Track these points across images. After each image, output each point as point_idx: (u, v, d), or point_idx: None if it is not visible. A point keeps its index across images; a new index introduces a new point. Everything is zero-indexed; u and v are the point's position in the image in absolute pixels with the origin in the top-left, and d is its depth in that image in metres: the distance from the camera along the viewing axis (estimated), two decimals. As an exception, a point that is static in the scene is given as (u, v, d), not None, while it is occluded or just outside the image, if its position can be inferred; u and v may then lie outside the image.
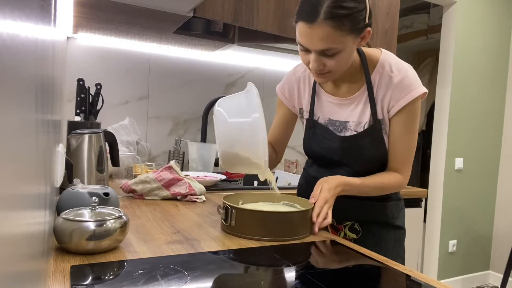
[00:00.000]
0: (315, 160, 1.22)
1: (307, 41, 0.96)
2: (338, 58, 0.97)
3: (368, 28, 0.99)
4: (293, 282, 0.70)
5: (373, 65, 1.08)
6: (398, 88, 1.04)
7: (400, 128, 1.08)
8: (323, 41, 0.94)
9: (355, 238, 1.15)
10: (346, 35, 0.94)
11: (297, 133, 1.33)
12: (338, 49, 0.96)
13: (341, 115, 1.12)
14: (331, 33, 0.92)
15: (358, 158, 1.10)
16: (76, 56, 1.89)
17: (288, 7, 1.77)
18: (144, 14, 1.44)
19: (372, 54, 1.10)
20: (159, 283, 0.64)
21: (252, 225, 0.92)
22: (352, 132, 1.09)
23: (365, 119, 1.08)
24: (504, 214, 3.28)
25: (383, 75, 1.06)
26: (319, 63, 0.98)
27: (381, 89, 1.06)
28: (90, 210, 0.79)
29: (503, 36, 3.23)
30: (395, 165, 1.11)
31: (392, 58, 1.08)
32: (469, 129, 3.13)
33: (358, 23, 0.95)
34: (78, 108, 1.60)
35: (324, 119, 1.14)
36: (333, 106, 1.13)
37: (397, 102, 1.05)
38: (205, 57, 2.17)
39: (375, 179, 1.09)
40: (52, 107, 0.69)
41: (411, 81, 1.04)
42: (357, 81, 1.10)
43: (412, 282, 0.74)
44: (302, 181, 1.29)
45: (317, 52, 0.97)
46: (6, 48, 0.22)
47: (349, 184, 1.05)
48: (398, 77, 1.04)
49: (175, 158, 1.98)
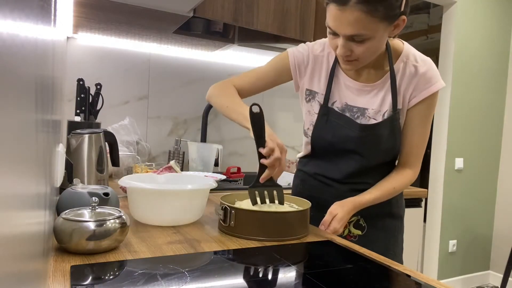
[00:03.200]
0: (318, 152, 1.16)
1: (336, 25, 0.92)
2: (367, 45, 0.94)
3: (403, 16, 0.94)
4: (293, 282, 0.70)
5: (397, 54, 1.07)
6: (423, 78, 1.04)
7: (418, 120, 1.07)
8: (353, 26, 0.90)
9: (360, 234, 1.13)
10: (378, 22, 0.90)
11: (297, 133, 1.32)
12: (368, 36, 0.92)
13: (360, 101, 1.08)
14: (363, 18, 0.88)
15: (374, 148, 1.08)
16: (76, 56, 1.89)
17: (288, 7, 1.77)
18: (144, 14, 1.44)
19: (395, 44, 1.09)
20: (159, 283, 0.64)
21: (251, 226, 0.92)
22: (370, 120, 1.07)
23: (385, 108, 1.06)
24: (504, 214, 3.28)
25: (407, 65, 1.05)
26: (346, 49, 0.95)
27: (404, 78, 1.06)
28: (90, 210, 0.79)
29: (503, 36, 3.22)
30: (407, 158, 1.10)
31: (415, 50, 1.09)
32: (469, 129, 3.13)
33: (393, 10, 0.91)
34: (78, 108, 1.60)
35: (342, 103, 1.10)
36: (352, 91, 1.09)
37: (419, 92, 1.05)
38: (205, 57, 2.17)
39: (387, 186, 1.09)
40: (52, 107, 0.69)
41: (435, 74, 1.05)
42: (379, 68, 1.08)
43: (412, 282, 0.74)
44: (297, 181, 1.25)
45: (345, 37, 0.93)
46: (6, 48, 0.22)
47: (363, 205, 1.06)
48: (424, 68, 1.04)
49: (175, 158, 1.98)
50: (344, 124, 1.08)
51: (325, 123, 1.10)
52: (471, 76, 3.09)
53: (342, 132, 1.08)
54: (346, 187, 1.12)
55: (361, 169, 1.10)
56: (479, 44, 3.11)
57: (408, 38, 3.93)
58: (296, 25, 1.79)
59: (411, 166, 1.11)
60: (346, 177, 1.11)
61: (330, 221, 1.04)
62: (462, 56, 3.03)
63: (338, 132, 1.09)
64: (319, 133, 1.12)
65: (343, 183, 1.12)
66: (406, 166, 1.12)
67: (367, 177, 1.11)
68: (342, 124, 1.08)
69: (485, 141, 3.23)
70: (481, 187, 3.25)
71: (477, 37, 3.09)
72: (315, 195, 1.14)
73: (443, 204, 3.05)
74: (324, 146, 1.13)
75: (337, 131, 1.09)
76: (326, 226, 1.03)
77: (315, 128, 1.12)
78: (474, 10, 3.04)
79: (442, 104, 3.05)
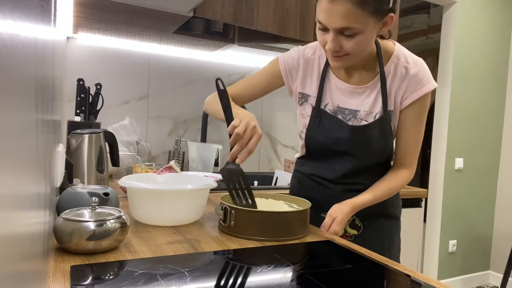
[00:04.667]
0: (313, 154, 1.17)
1: (326, 17, 0.92)
2: (356, 40, 0.94)
3: (391, 13, 0.95)
4: (293, 282, 0.70)
5: (387, 55, 1.07)
6: (414, 80, 1.04)
7: (411, 121, 1.08)
8: (343, 18, 0.90)
9: (356, 234, 1.14)
10: (368, 16, 0.91)
11: (297, 133, 1.32)
12: (358, 30, 0.92)
13: (351, 103, 1.09)
14: (353, 10, 0.89)
15: (366, 150, 1.09)
16: (76, 56, 1.89)
17: (288, 7, 1.77)
18: (144, 14, 1.44)
19: (386, 45, 1.08)
20: (159, 283, 0.64)
21: (251, 226, 0.92)
22: (362, 122, 1.07)
23: (376, 109, 1.07)
24: (504, 214, 3.28)
25: (398, 66, 1.05)
26: (336, 44, 0.95)
27: (395, 80, 1.06)
28: (90, 210, 0.79)
29: (503, 36, 3.23)
30: (403, 158, 1.11)
31: (406, 50, 1.08)
32: (469, 129, 3.13)
33: (382, 5, 0.92)
34: (78, 108, 1.60)
35: (333, 106, 1.11)
36: (343, 93, 1.10)
37: (411, 94, 1.05)
38: (205, 57, 2.17)
39: (384, 187, 1.09)
40: (52, 107, 0.69)
41: (427, 75, 1.05)
42: (370, 70, 1.08)
43: (412, 282, 0.74)
44: (294, 181, 1.26)
45: (335, 30, 0.93)
46: (6, 48, 0.22)
47: (361, 206, 1.07)
48: (415, 69, 1.04)
49: (175, 158, 1.98)
50: (336, 125, 1.09)
51: (317, 125, 1.12)
52: (471, 76, 3.09)
53: (334, 133, 1.09)
54: (341, 188, 1.13)
55: (355, 170, 1.11)
56: (479, 44, 3.11)
57: (408, 38, 3.93)
58: (296, 25, 1.79)
59: (407, 166, 1.12)
60: (340, 177, 1.13)
61: (330, 224, 1.05)
62: (462, 56, 3.03)
63: (330, 134, 1.10)
64: (312, 134, 1.13)
65: (337, 183, 1.13)
66: (402, 166, 1.12)
67: (361, 178, 1.12)
68: (333, 125, 1.09)
69: (485, 141, 3.23)
70: (481, 187, 3.25)
71: (477, 37, 3.09)
72: (312, 195, 1.15)
73: (443, 204, 3.05)
74: (317, 148, 1.14)
75: (329, 133, 1.10)
76: (327, 229, 1.05)
77: (308, 130, 1.14)
78: (474, 10, 3.04)
79: (442, 104, 3.05)
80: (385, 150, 1.10)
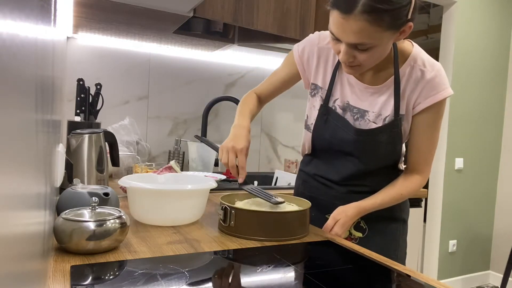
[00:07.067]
0: (319, 151, 1.15)
1: (339, 32, 0.89)
2: (370, 53, 0.90)
3: (410, 23, 0.90)
4: (293, 282, 0.70)
5: (404, 57, 1.03)
6: (429, 85, 1.00)
7: (424, 127, 1.04)
8: (356, 35, 0.86)
9: (361, 236, 1.12)
10: (383, 31, 0.86)
11: (297, 133, 1.32)
12: (372, 45, 0.89)
13: (361, 102, 1.05)
14: (367, 28, 0.84)
15: (372, 153, 1.06)
16: (76, 56, 1.89)
17: (288, 7, 1.77)
18: (144, 14, 1.44)
19: (403, 46, 1.04)
20: (159, 283, 0.64)
21: (251, 226, 0.92)
22: (370, 123, 1.04)
23: (386, 112, 1.03)
24: (504, 214, 3.28)
25: (414, 69, 1.01)
26: (349, 55, 0.92)
27: (410, 83, 1.01)
28: (90, 210, 0.79)
29: (503, 36, 3.23)
30: (416, 164, 1.08)
31: (424, 53, 1.04)
32: (469, 129, 3.13)
33: (399, 19, 0.86)
34: (78, 108, 1.60)
35: (343, 102, 1.07)
36: (354, 91, 1.07)
37: (425, 99, 1.01)
38: (205, 57, 2.17)
39: (394, 192, 1.07)
40: (52, 107, 0.69)
41: (443, 81, 1.01)
42: (385, 71, 1.04)
43: (412, 282, 0.74)
44: (299, 182, 1.24)
45: (348, 44, 0.90)
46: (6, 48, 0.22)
47: (367, 210, 1.05)
48: (431, 73, 1.00)
49: (175, 158, 1.98)
50: (342, 126, 1.06)
51: (324, 122, 1.09)
52: (471, 76, 3.09)
53: (339, 134, 1.07)
54: (345, 189, 1.11)
55: (359, 173, 1.08)
56: (479, 44, 3.11)
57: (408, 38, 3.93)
58: (296, 25, 1.79)
59: (420, 172, 1.08)
60: (345, 179, 1.10)
61: (332, 226, 1.04)
62: (462, 56, 3.03)
63: (335, 133, 1.07)
64: (319, 131, 1.11)
65: (342, 185, 1.11)
66: (415, 172, 1.08)
67: (366, 180, 1.09)
68: (339, 126, 1.07)
69: (485, 141, 3.23)
70: (481, 187, 3.25)
71: (477, 37, 3.09)
72: (316, 196, 1.14)
73: (443, 204, 3.05)
74: (323, 145, 1.12)
75: (335, 132, 1.08)
76: (328, 230, 1.04)
77: (316, 126, 1.11)
78: (474, 10, 3.04)
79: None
80: (393, 155, 1.08)
